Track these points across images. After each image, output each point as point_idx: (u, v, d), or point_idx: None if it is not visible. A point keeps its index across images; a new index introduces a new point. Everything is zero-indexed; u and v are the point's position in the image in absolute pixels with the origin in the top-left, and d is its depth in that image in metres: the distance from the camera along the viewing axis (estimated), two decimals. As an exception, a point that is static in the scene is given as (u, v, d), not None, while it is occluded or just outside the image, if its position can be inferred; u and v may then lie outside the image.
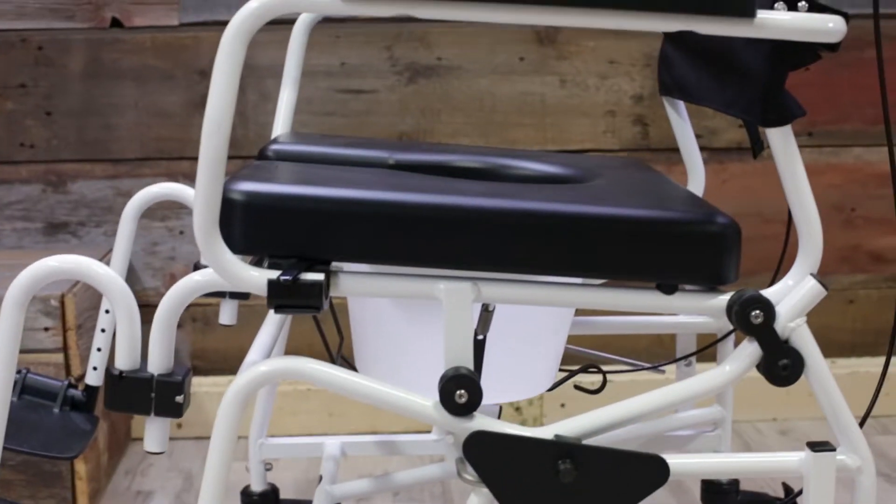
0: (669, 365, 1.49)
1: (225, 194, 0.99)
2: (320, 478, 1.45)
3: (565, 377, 1.33)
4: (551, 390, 1.29)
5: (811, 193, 1.05)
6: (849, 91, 2.14)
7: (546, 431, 1.02)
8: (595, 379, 1.65)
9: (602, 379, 1.35)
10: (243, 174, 1.07)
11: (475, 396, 1.01)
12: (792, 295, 1.04)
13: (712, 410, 1.52)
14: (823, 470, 1.05)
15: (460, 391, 1.01)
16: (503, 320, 1.16)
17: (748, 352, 1.04)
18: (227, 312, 1.42)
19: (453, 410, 1.01)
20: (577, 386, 1.41)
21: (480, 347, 1.08)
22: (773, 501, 1.54)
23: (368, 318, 1.21)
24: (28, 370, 1.36)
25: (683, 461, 1.05)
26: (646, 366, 1.50)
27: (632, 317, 1.46)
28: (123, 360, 1.07)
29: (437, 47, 2.07)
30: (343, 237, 1.01)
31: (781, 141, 1.04)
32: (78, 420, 1.37)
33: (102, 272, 1.07)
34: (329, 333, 1.47)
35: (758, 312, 1.03)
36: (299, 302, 0.99)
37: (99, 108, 2.05)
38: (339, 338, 1.34)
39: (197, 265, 1.37)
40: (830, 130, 2.15)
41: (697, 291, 1.06)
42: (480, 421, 1.02)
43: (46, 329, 1.74)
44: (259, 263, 1.02)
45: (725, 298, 1.05)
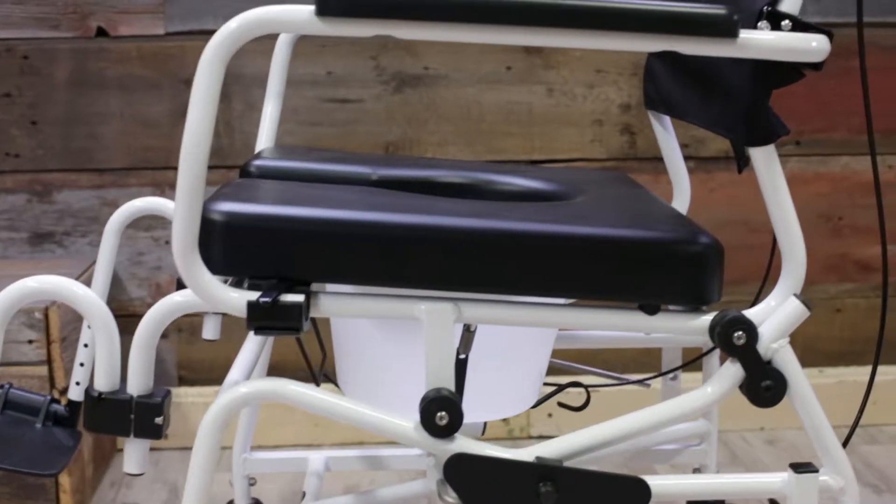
0: (655, 379, 1.49)
1: (205, 214, 0.99)
2: (304, 494, 1.45)
3: (550, 393, 1.33)
4: (535, 407, 1.29)
5: (794, 212, 1.05)
6: (836, 100, 2.13)
7: (527, 453, 1.02)
8: (580, 392, 1.65)
9: (586, 395, 1.35)
10: (223, 193, 1.06)
11: (456, 418, 1.00)
12: (775, 315, 1.04)
13: (698, 424, 1.52)
14: (806, 491, 1.05)
15: (441, 413, 1.00)
16: (486, 338, 1.15)
17: (731, 372, 1.04)
18: (211, 327, 1.41)
19: (434, 432, 1.01)
20: (561, 403, 1.41)
21: (462, 367, 1.07)
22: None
23: (350, 338, 1.21)
24: (10, 385, 1.35)
25: (665, 482, 1.05)
26: (631, 380, 1.50)
27: (616, 331, 1.46)
28: (102, 382, 1.06)
29: (424, 56, 2.06)
30: (323, 258, 1.00)
31: (765, 160, 1.03)
32: (61, 436, 1.36)
33: (81, 293, 1.07)
34: (312, 350, 1.46)
35: (740, 334, 1.02)
36: (279, 324, 0.98)
37: (84, 118, 2.04)
38: (322, 354, 1.34)
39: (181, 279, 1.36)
40: (818, 139, 2.14)
41: (680, 311, 1.05)
42: (461, 443, 1.01)
43: (31, 342, 1.73)
44: (239, 284, 1.02)
45: (708, 319, 1.04)
